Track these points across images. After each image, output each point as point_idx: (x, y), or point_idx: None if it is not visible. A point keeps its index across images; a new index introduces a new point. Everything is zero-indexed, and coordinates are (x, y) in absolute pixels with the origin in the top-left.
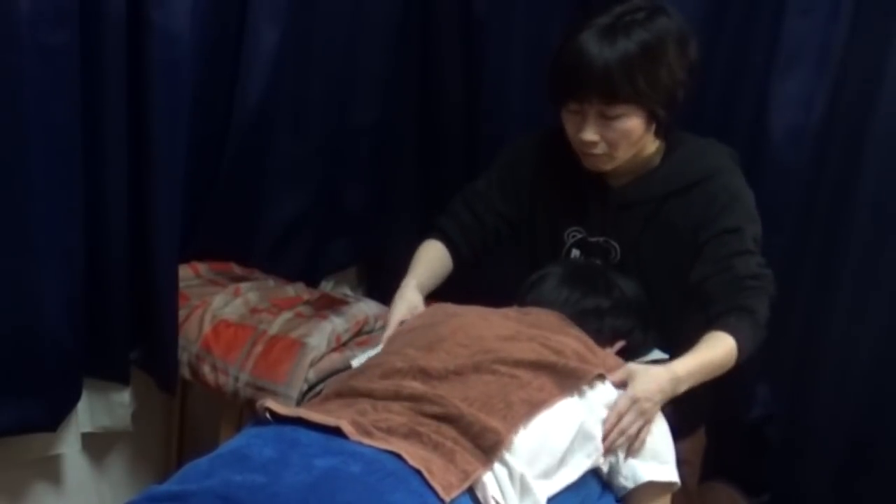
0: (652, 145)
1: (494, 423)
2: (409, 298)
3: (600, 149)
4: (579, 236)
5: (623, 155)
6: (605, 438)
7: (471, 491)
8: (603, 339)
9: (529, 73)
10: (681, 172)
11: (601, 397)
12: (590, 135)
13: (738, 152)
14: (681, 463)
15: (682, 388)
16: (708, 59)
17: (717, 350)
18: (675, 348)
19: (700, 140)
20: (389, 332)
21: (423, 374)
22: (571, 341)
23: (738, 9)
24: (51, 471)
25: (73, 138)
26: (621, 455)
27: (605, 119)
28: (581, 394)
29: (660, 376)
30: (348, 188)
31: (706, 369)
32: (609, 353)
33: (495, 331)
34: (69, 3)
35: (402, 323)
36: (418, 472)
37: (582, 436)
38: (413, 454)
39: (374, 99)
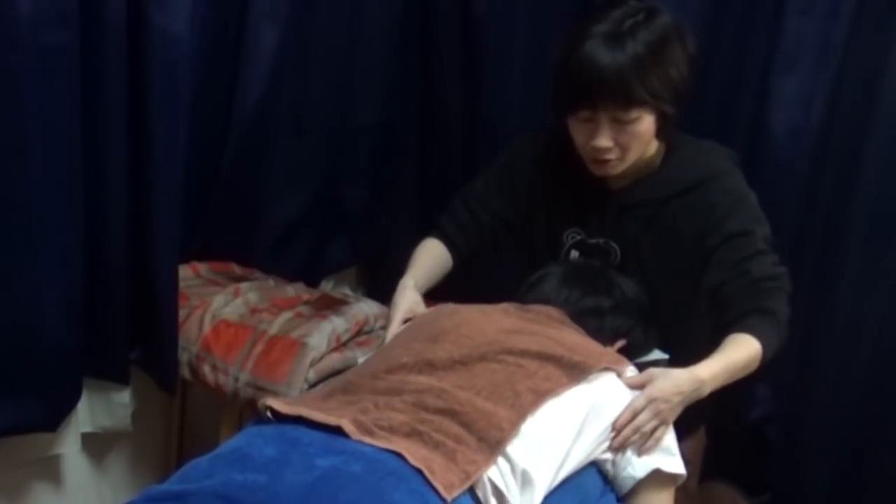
0: (652, 147)
1: (501, 413)
2: (409, 297)
3: (613, 154)
4: (578, 238)
5: (632, 157)
6: (617, 434)
7: (471, 490)
8: (603, 339)
9: (529, 73)
10: (681, 175)
11: (605, 390)
12: (604, 141)
13: (739, 151)
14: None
15: (707, 390)
16: (708, 59)
17: (741, 352)
18: (676, 349)
19: (700, 142)
20: (393, 329)
21: (429, 366)
22: (574, 337)
23: (738, 8)
24: (51, 471)
25: (73, 138)
26: (629, 452)
27: (620, 123)
28: (587, 384)
29: (679, 378)
30: (348, 188)
31: (730, 371)
32: (612, 349)
33: (497, 325)
34: (69, 3)
35: (405, 322)
36: (419, 471)
37: (585, 426)
38: (414, 453)
39: (374, 99)
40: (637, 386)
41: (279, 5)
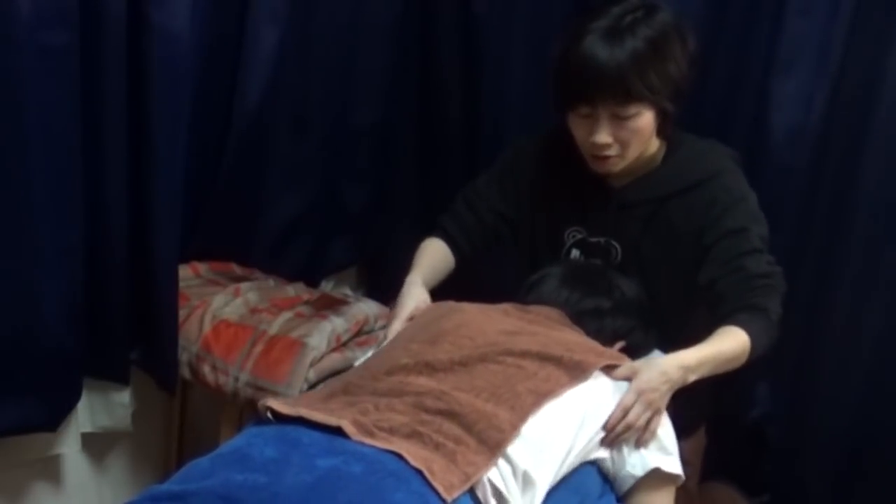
0: (653, 146)
1: (501, 415)
2: (417, 294)
3: (613, 150)
4: (579, 236)
5: (632, 154)
6: (609, 432)
7: (472, 492)
8: (603, 340)
9: (529, 72)
10: (681, 174)
11: (606, 389)
12: (604, 137)
13: (739, 151)
14: (681, 463)
15: (692, 377)
16: (708, 59)
17: (728, 342)
18: (676, 347)
19: (701, 141)
20: (398, 326)
21: (429, 367)
22: (574, 336)
23: (738, 9)
24: (51, 471)
25: (73, 138)
26: (626, 448)
27: (619, 119)
28: (586, 384)
29: (664, 365)
30: (348, 188)
31: (717, 360)
32: (612, 349)
33: (497, 326)
34: (69, 3)
35: (410, 318)
36: (420, 472)
37: (585, 425)
38: (415, 454)
39: (374, 99)
40: (622, 378)
41: (279, 5)
